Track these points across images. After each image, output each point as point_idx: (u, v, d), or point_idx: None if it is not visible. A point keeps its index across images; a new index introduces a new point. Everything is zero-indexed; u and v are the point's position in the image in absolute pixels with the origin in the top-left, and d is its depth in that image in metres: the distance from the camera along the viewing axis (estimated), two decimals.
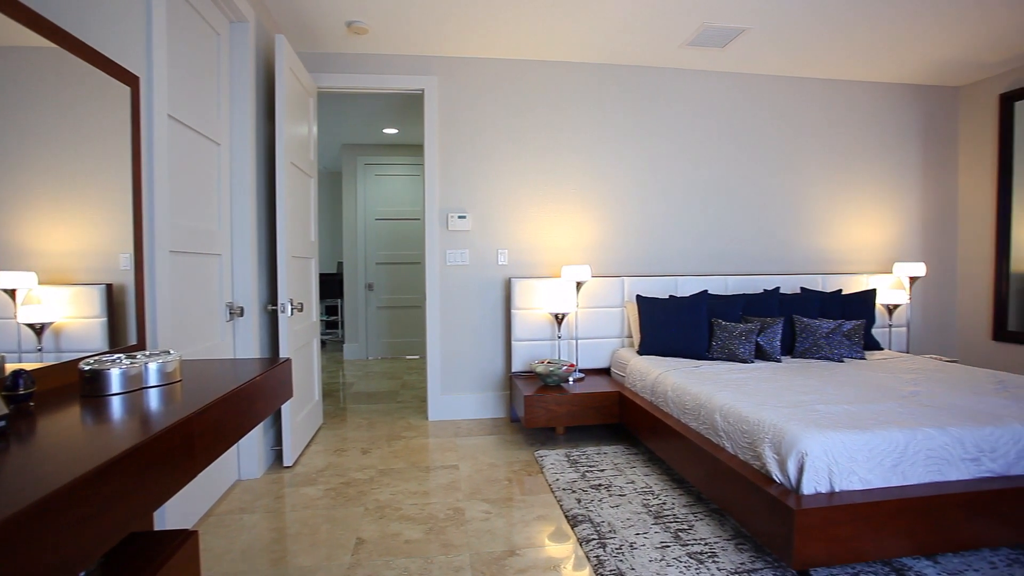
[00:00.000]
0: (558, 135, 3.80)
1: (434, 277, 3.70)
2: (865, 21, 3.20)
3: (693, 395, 2.50)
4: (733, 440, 2.12)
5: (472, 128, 3.71)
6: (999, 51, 3.68)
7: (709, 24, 3.20)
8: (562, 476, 2.67)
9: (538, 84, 3.77)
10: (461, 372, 3.75)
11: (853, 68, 3.95)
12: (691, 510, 2.29)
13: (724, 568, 1.86)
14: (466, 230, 3.71)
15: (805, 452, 1.77)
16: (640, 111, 3.90)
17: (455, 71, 3.69)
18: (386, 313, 6.33)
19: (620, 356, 3.52)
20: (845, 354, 3.29)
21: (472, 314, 3.74)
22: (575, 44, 3.51)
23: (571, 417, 3.12)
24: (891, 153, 4.30)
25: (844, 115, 4.20)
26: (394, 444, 3.23)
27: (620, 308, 3.74)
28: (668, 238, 3.95)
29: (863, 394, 2.37)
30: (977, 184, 4.32)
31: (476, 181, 3.73)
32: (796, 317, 3.49)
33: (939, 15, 3.13)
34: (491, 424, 3.62)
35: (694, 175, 3.98)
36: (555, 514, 2.31)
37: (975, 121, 4.32)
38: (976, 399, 2.26)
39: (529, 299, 3.64)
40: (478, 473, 2.77)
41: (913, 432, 1.87)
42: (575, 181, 3.83)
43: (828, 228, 4.20)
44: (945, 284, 4.47)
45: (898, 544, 1.72)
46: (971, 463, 1.87)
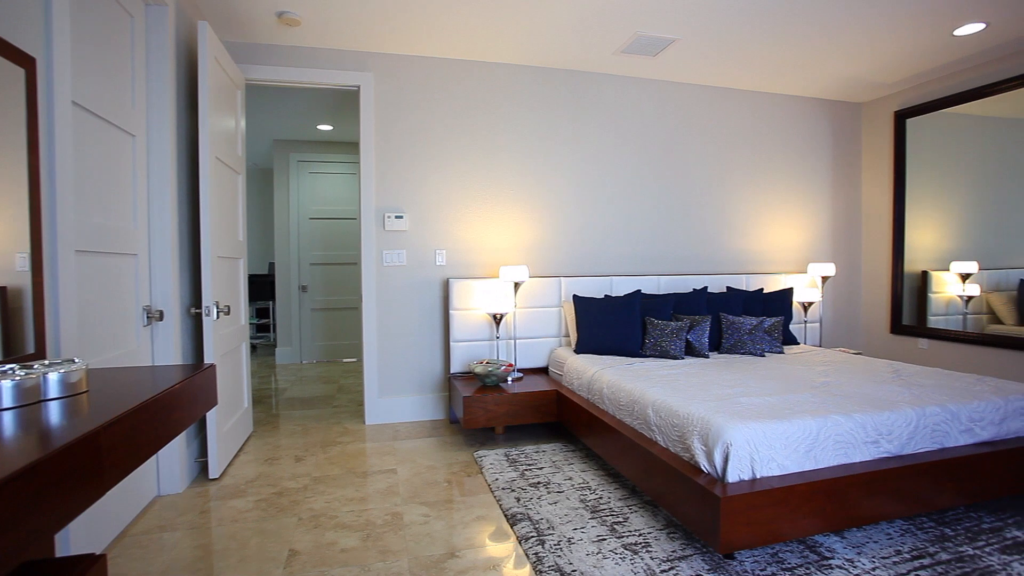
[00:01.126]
0: (497, 136, 3.82)
1: (371, 278, 3.61)
2: (781, 39, 3.43)
3: (627, 391, 2.59)
4: (665, 434, 2.22)
5: (410, 127, 3.66)
6: (894, 73, 4.06)
7: (642, 33, 3.32)
8: (501, 476, 2.69)
9: (477, 85, 3.77)
10: (399, 374, 3.69)
11: (772, 81, 4.23)
12: (626, 503, 2.37)
13: (657, 557, 1.93)
14: (403, 230, 3.66)
15: (730, 443, 1.87)
16: (577, 115, 3.99)
17: (392, 69, 3.63)
18: (321, 315, 6.12)
19: (558, 355, 3.58)
20: (766, 349, 3.51)
21: (410, 315, 3.69)
22: (514, 47, 3.54)
23: (510, 417, 3.14)
24: (804, 162, 4.63)
25: (765, 125, 4.48)
26: (330, 450, 3.13)
27: (557, 308, 3.81)
28: (604, 239, 4.07)
29: (781, 386, 2.54)
30: (877, 192, 4.74)
31: (414, 181, 3.68)
32: (722, 315, 3.68)
33: (844, 37, 3.41)
34: (430, 426, 3.59)
35: (628, 178, 4.12)
36: (495, 514, 2.32)
37: (875, 135, 4.73)
38: (876, 387, 2.47)
39: (467, 299, 3.63)
40: (417, 476, 2.74)
41: (824, 420, 2.03)
42: (513, 182, 3.86)
43: (751, 231, 4.46)
44: (851, 283, 4.87)
45: (811, 523, 1.86)
46: (872, 445, 2.05)
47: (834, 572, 1.84)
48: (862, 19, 3.17)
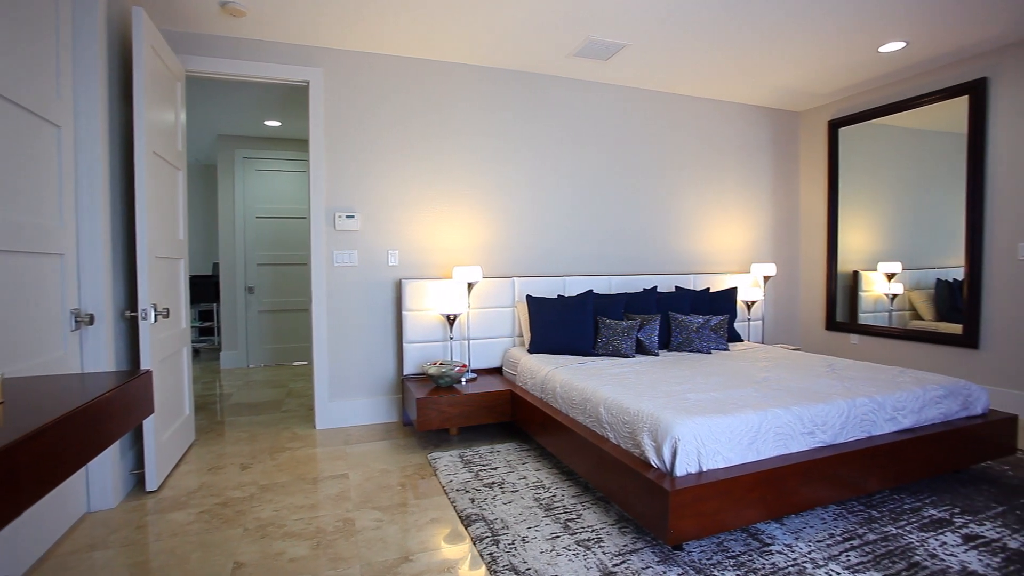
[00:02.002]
0: (450, 136, 3.80)
1: (321, 279, 3.52)
2: (725, 48, 3.57)
3: (580, 390, 2.63)
4: (616, 431, 2.27)
5: (361, 124, 3.59)
6: (827, 84, 4.30)
7: (593, 38, 3.38)
8: (456, 477, 2.68)
9: (431, 84, 3.74)
10: (351, 377, 3.61)
11: (717, 89, 4.40)
12: (579, 500, 2.41)
13: (609, 551, 1.97)
14: (355, 230, 3.58)
15: (678, 438, 1.94)
16: (531, 116, 4.02)
17: (343, 64, 3.55)
18: (269, 317, 5.91)
19: (511, 355, 3.60)
20: (712, 346, 3.65)
21: (361, 316, 3.62)
22: (469, 47, 3.54)
23: (464, 418, 3.13)
24: (747, 167, 4.84)
25: (711, 130, 4.65)
26: (278, 457, 3.03)
27: (511, 308, 3.83)
28: (557, 240, 4.11)
29: (726, 382, 2.65)
30: (813, 197, 5.00)
31: (365, 179, 3.61)
32: (671, 314, 3.80)
33: (782, 49, 3.58)
34: (383, 429, 3.53)
35: (582, 180, 4.19)
36: (449, 515, 2.31)
37: (811, 142, 5.00)
38: (812, 381, 2.61)
39: (420, 300, 3.60)
40: (369, 481, 2.69)
41: (765, 413, 2.13)
42: (467, 182, 3.85)
43: (698, 232, 4.63)
44: (790, 282, 5.12)
45: (753, 512, 1.95)
46: (808, 436, 2.16)
47: (774, 557, 1.93)
48: (798, 33, 3.35)
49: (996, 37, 3.47)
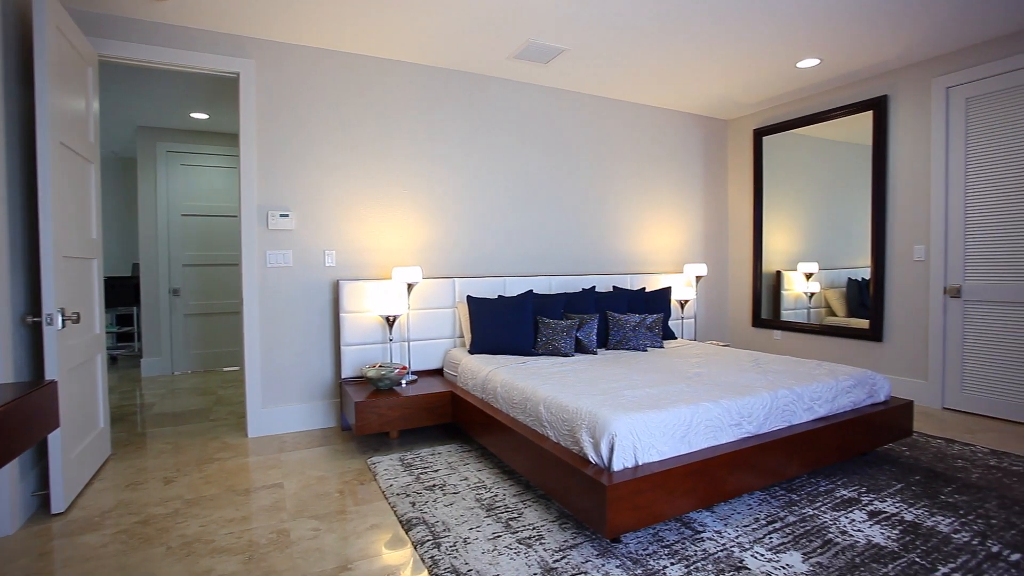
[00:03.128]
0: (390, 134, 3.73)
1: (252, 280, 3.37)
2: (659, 56, 3.71)
3: (520, 389, 2.66)
4: (556, 429, 2.31)
5: (297, 120, 3.47)
6: (753, 95, 4.56)
7: (534, 41, 3.42)
8: (396, 481, 2.64)
9: (370, 81, 3.66)
10: (285, 382, 3.48)
11: (653, 95, 4.56)
12: (521, 499, 2.43)
13: (550, 548, 2.01)
14: (289, 229, 3.45)
15: (615, 434, 2.00)
16: (472, 117, 4.02)
17: (278, 57, 3.41)
18: (196, 321, 5.58)
19: (452, 356, 3.59)
20: (648, 344, 3.78)
21: (297, 319, 3.49)
22: (409, 44, 3.49)
23: (405, 420, 3.09)
24: (681, 171, 5.05)
25: (647, 135, 4.82)
26: (206, 468, 2.87)
27: (452, 309, 3.82)
28: (498, 241, 4.13)
29: (661, 378, 2.75)
30: (740, 200, 5.29)
31: (301, 177, 3.48)
32: (609, 313, 3.91)
33: (711, 60, 3.77)
34: (320, 435, 3.42)
35: (522, 182, 4.23)
36: (389, 521, 2.27)
37: (738, 149, 5.29)
38: (739, 375, 2.77)
39: (359, 302, 3.52)
40: (306, 489, 2.60)
41: (696, 407, 2.23)
42: (407, 182, 3.80)
43: (634, 233, 4.78)
44: (720, 282, 5.39)
45: (686, 502, 2.03)
46: (735, 427, 2.29)
47: (705, 544, 2.02)
48: (725, 46, 3.53)
49: (895, 59, 3.80)
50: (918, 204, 3.94)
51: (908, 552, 1.94)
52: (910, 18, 3.18)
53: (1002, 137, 3.50)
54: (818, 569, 1.84)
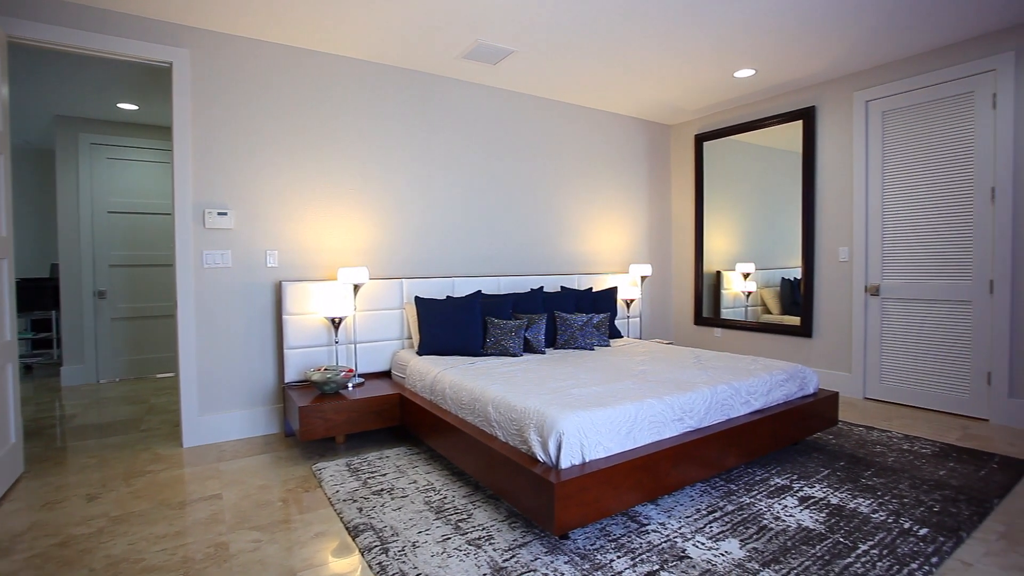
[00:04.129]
0: (336, 132, 3.64)
1: (188, 281, 3.20)
2: (605, 61, 3.80)
3: (469, 390, 2.66)
4: (504, 429, 2.32)
5: (236, 115, 3.32)
6: (694, 102, 4.74)
7: (482, 41, 3.43)
8: (343, 487, 2.58)
9: (315, 76, 3.56)
10: (224, 388, 3.32)
11: (599, 99, 4.66)
12: (470, 500, 2.43)
13: (499, 547, 2.01)
14: (228, 228, 3.30)
15: (562, 432, 2.03)
16: (420, 116, 3.97)
17: (215, 48, 3.25)
18: (125, 325, 5.24)
19: (400, 358, 3.54)
20: (595, 343, 3.86)
21: (237, 321, 3.34)
22: (356, 40, 3.41)
23: (351, 424, 3.02)
24: (626, 173, 5.19)
25: (593, 138, 4.92)
26: (135, 482, 2.70)
27: (399, 310, 3.76)
28: (446, 241, 4.11)
29: (607, 376, 2.82)
30: (683, 203, 5.49)
31: (240, 174, 3.34)
32: (557, 313, 3.96)
33: (654, 68, 3.89)
34: (262, 442, 3.29)
35: (471, 182, 4.22)
36: (335, 528, 2.21)
37: (681, 153, 5.48)
38: (681, 372, 2.87)
39: (303, 303, 3.41)
40: (246, 499, 2.49)
41: (641, 404, 2.29)
42: (353, 181, 3.71)
43: (582, 234, 4.87)
44: (664, 282, 5.57)
45: (632, 496, 2.09)
46: (678, 422, 2.37)
47: (650, 536, 2.09)
48: (668, 53, 3.66)
49: (821, 72, 4.05)
50: (842, 209, 4.21)
51: (833, 533, 2.08)
52: (833, 35, 3.40)
53: (914, 148, 3.79)
54: (754, 554, 1.94)
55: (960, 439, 3.18)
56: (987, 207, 3.47)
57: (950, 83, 3.61)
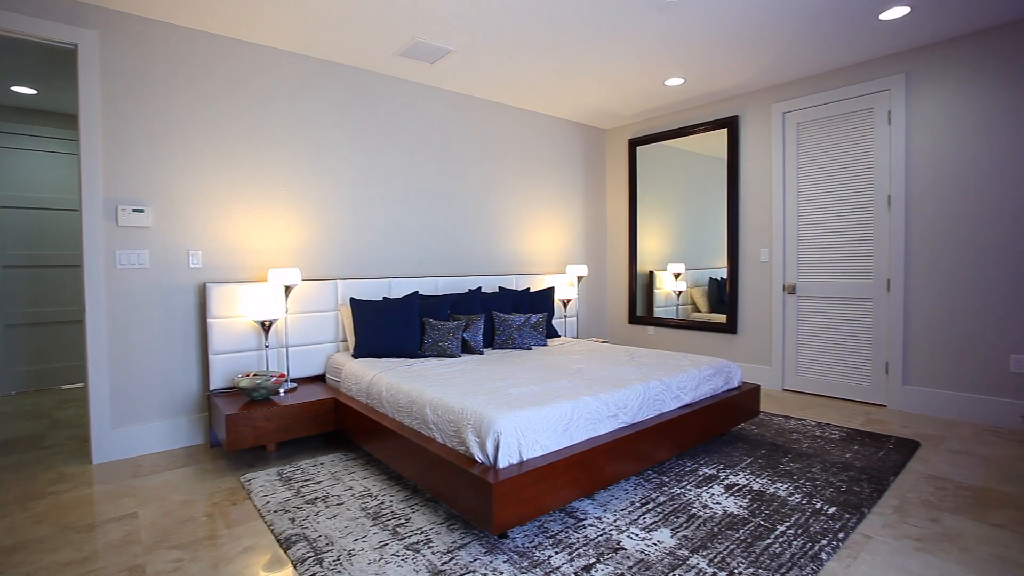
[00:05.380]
0: (266, 126, 3.48)
1: (97, 283, 2.95)
2: (541, 65, 3.85)
3: (406, 392, 2.62)
4: (442, 430, 2.30)
5: (154, 105, 3.10)
6: (628, 107, 4.91)
7: (419, 40, 3.38)
8: (273, 497, 2.47)
9: (242, 67, 3.38)
10: (141, 397, 3.10)
11: (536, 102, 4.72)
12: (408, 504, 2.40)
13: (438, 550, 2.00)
14: (145, 226, 3.08)
15: (500, 431, 2.04)
16: (356, 113, 3.87)
17: (130, 30, 3.02)
18: (22, 332, 4.76)
19: (335, 361, 3.44)
20: (533, 343, 3.91)
21: (155, 326, 3.12)
22: (288, 31, 3.27)
23: (283, 431, 2.90)
24: (562, 175, 5.29)
25: (531, 140, 4.98)
26: (34, 506, 2.46)
27: (334, 312, 3.65)
28: (382, 241, 4.03)
29: (544, 375, 2.86)
30: (617, 205, 5.67)
31: (158, 168, 3.12)
32: (495, 313, 3.98)
33: (589, 73, 3.99)
34: (185, 454, 3.10)
35: (407, 181, 4.16)
36: (266, 541, 2.12)
37: (615, 157, 5.66)
38: (616, 369, 2.96)
39: (230, 306, 3.24)
40: (166, 516, 2.34)
41: (577, 402, 2.35)
42: (284, 178, 3.57)
43: (519, 235, 4.92)
44: (599, 282, 5.73)
45: (569, 492, 2.14)
46: (612, 419, 2.45)
47: (587, 530, 2.14)
48: (602, 59, 3.76)
49: (744, 84, 4.31)
50: (763, 212, 4.49)
51: (755, 517, 2.21)
52: (753, 50, 3.62)
53: (824, 158, 4.11)
54: (684, 541, 2.03)
55: (863, 424, 3.47)
56: (884, 213, 3.82)
57: (853, 99, 3.94)
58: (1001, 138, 3.34)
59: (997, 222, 3.37)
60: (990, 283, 3.41)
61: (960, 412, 3.53)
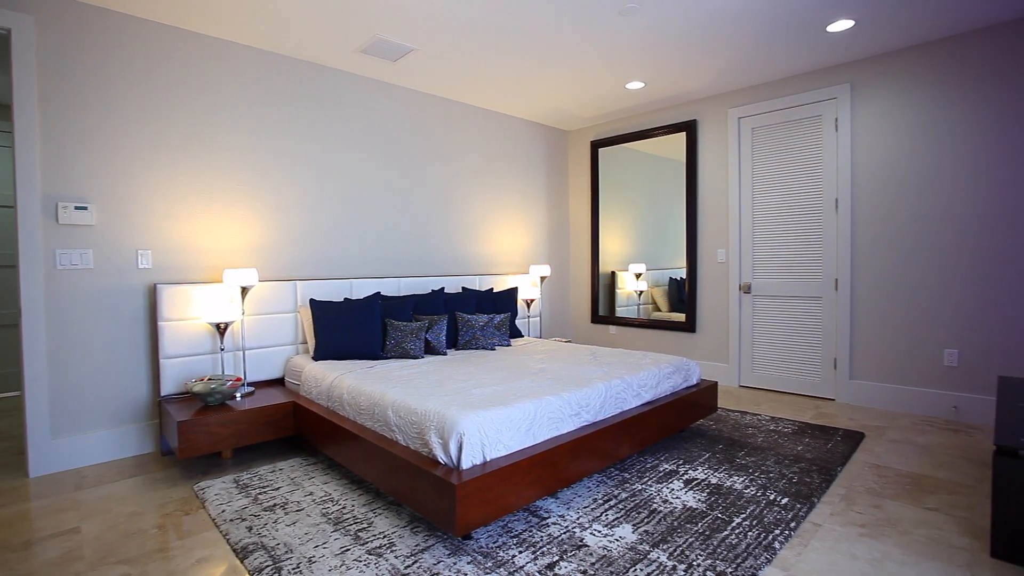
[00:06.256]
0: (222, 122, 3.36)
1: (35, 285, 2.79)
2: (506, 66, 3.86)
3: (368, 395, 2.58)
4: (405, 433, 2.28)
5: (100, 97, 2.95)
6: (590, 110, 4.97)
7: (381, 37, 3.34)
8: (229, 506, 2.39)
9: (199, 60, 3.25)
10: (84, 405, 2.94)
11: (500, 102, 4.73)
12: (370, 508, 2.36)
13: (401, 554, 1.98)
14: (89, 224, 2.93)
15: (463, 432, 2.03)
16: (317, 110, 3.78)
17: (71, 17, 2.86)
18: None
19: (295, 364, 3.35)
20: (496, 343, 3.91)
21: (100, 330, 2.97)
22: (246, 25, 3.17)
23: (240, 437, 2.81)
24: (526, 176, 5.32)
25: (494, 140, 4.98)
26: None
27: (293, 313, 3.56)
28: (343, 241, 3.96)
29: (508, 375, 2.87)
30: (580, 206, 5.73)
31: (104, 164, 2.97)
32: (458, 314, 3.96)
33: (551, 76, 4.02)
34: (134, 464, 2.96)
35: (369, 180, 4.09)
36: (221, 551, 2.05)
37: (578, 159, 5.72)
38: (578, 368, 3.00)
39: (183, 308, 3.11)
40: (112, 530, 2.23)
41: (540, 401, 2.36)
42: (242, 176, 3.45)
43: (483, 235, 4.91)
44: (563, 282, 5.78)
45: (532, 491, 2.15)
46: (575, 417, 2.47)
47: (550, 528, 2.16)
48: (565, 62, 3.80)
49: (702, 89, 4.43)
50: (720, 214, 4.63)
51: (713, 510, 2.28)
52: (710, 56, 3.73)
53: (777, 162, 4.27)
54: (645, 536, 2.08)
55: (814, 417, 3.63)
56: (832, 215, 4.00)
57: (803, 107, 4.11)
58: (937, 145, 3.55)
59: (933, 225, 3.58)
60: (926, 282, 3.62)
61: (900, 404, 3.74)
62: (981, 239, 3.41)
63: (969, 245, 3.46)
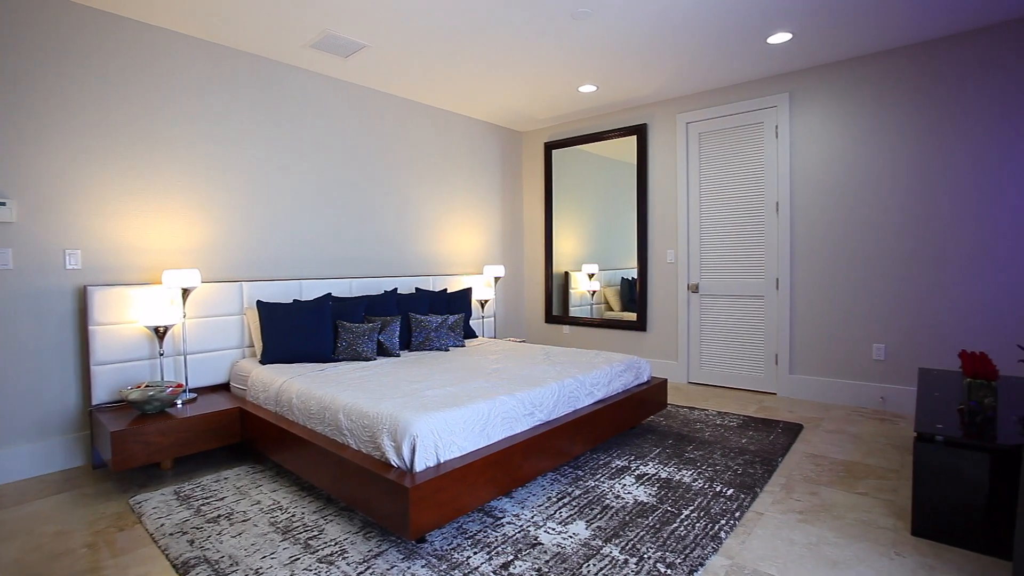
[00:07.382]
0: (162, 115, 3.19)
1: None
2: (459, 65, 3.85)
3: (318, 399, 2.52)
4: (356, 436, 2.24)
5: (21, 83, 2.74)
6: (544, 111, 5.02)
7: (332, 32, 3.26)
8: (169, 519, 2.27)
9: (135, 48, 3.07)
10: (3, 417, 2.73)
11: (454, 102, 4.71)
12: (321, 515, 2.30)
13: (353, 561, 1.94)
14: (8, 222, 2.72)
15: (416, 434, 2.01)
16: (264, 106, 3.65)
17: None
18: None
19: (241, 368, 3.23)
20: (450, 344, 3.89)
21: (20, 335, 2.77)
22: (189, 14, 3.02)
23: (181, 446, 2.68)
24: (480, 177, 5.31)
25: (447, 140, 4.96)
26: None
27: (239, 316, 3.43)
28: (292, 241, 3.84)
29: (461, 376, 2.86)
30: (534, 207, 5.78)
31: (26, 156, 2.77)
32: (411, 314, 3.92)
33: (504, 77, 4.04)
34: (61, 479, 2.77)
35: (320, 179, 3.99)
36: (160, 567, 1.95)
37: (532, 160, 5.77)
38: (532, 368, 3.02)
39: (118, 311, 2.94)
40: (35, 552, 2.08)
41: (493, 401, 2.37)
42: (183, 172, 3.29)
43: (436, 235, 4.88)
44: (517, 282, 5.81)
45: (487, 492, 2.15)
46: (529, 417, 2.49)
47: (505, 528, 2.17)
48: (518, 64, 3.82)
49: (652, 94, 4.55)
50: (669, 216, 4.77)
51: (663, 503, 2.35)
52: (659, 63, 3.84)
53: (722, 166, 4.44)
54: (598, 532, 2.11)
55: (757, 411, 3.80)
56: (773, 218, 4.20)
57: (747, 113, 4.29)
58: (868, 152, 3.79)
59: (863, 227, 3.82)
60: (858, 280, 3.85)
61: (835, 396, 3.96)
62: (904, 241, 3.67)
63: (894, 246, 3.70)
